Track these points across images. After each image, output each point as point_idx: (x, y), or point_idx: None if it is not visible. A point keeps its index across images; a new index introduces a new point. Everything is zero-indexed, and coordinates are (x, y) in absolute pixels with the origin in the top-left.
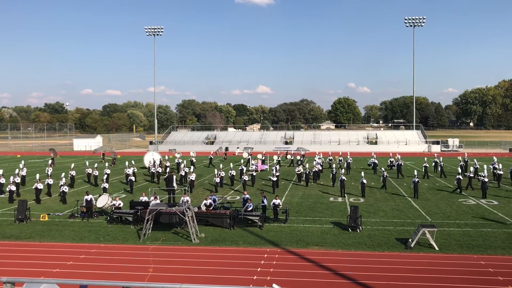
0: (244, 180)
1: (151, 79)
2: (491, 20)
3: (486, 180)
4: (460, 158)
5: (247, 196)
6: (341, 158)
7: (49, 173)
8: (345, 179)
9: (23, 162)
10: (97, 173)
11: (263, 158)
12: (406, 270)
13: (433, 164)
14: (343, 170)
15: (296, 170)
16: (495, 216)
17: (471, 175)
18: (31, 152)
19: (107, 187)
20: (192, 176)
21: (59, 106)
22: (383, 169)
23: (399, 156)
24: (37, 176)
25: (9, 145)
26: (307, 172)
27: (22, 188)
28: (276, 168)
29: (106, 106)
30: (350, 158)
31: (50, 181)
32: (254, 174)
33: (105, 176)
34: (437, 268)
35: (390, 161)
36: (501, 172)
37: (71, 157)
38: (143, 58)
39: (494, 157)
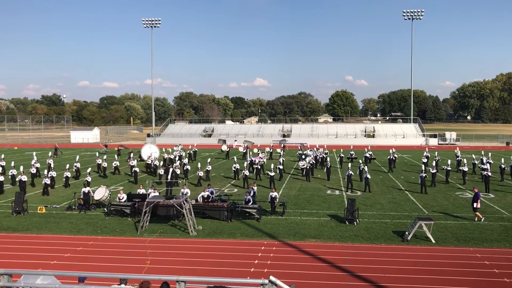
0: (245, 175)
1: (148, 71)
2: (489, 13)
3: (490, 174)
4: (457, 151)
5: (255, 188)
6: (319, 150)
7: (52, 165)
8: (352, 173)
9: (34, 153)
10: (106, 165)
11: (245, 151)
12: (403, 262)
13: (425, 158)
14: (350, 165)
15: (301, 164)
16: (491, 209)
17: (448, 168)
18: (28, 144)
19: (89, 180)
20: (177, 170)
21: (56, 98)
22: (360, 161)
23: (394, 150)
24: (21, 168)
25: (6, 137)
26: (308, 167)
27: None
28: (280, 161)
29: (103, 98)
30: (326, 152)
31: (54, 173)
32: (259, 167)
33: (89, 169)
34: (433, 261)
35: (370, 154)
36: (485, 167)
37: (68, 149)
38: (140, 50)
39: (483, 151)
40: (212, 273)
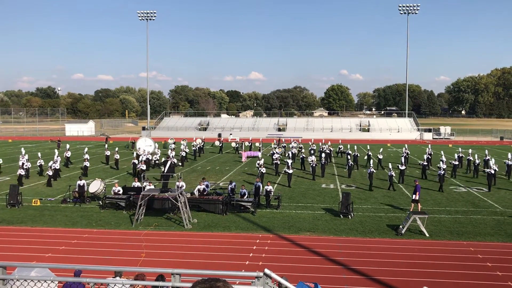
0: (262, 172)
1: (143, 64)
2: (485, 9)
3: (493, 172)
4: (428, 149)
5: (259, 183)
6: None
7: (58, 158)
8: (374, 171)
9: (68, 146)
10: (118, 157)
11: (222, 145)
12: (396, 256)
13: (404, 155)
14: (371, 161)
15: (310, 160)
16: (485, 204)
17: (425, 163)
18: (23, 137)
19: (50, 174)
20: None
21: (50, 90)
22: (349, 156)
23: (368, 146)
24: (0, 160)
25: (0, 129)
26: (314, 165)
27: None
28: (289, 154)
29: (98, 91)
30: (328, 146)
31: (57, 166)
32: (279, 162)
33: (50, 163)
34: (427, 254)
35: (339, 147)
36: (457, 163)
37: (63, 142)
38: (135, 43)
39: (460, 148)
40: (207, 266)
